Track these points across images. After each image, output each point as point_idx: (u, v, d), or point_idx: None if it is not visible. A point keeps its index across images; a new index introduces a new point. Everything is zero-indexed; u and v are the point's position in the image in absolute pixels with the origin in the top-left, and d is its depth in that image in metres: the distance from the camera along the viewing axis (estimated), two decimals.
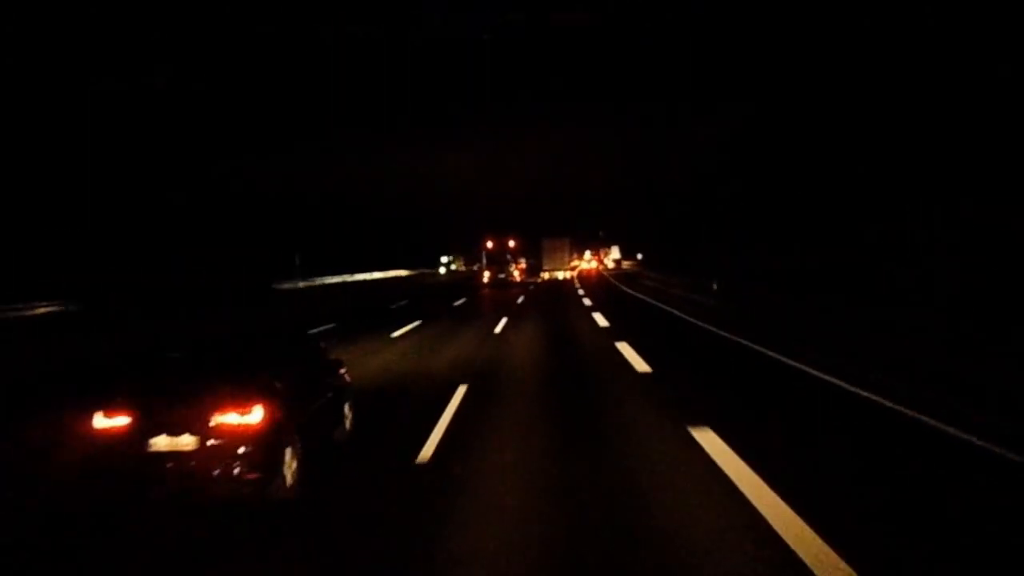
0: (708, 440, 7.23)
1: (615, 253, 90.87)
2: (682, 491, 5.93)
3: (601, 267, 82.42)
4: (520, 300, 30.85)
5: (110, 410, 5.83)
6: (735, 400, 9.57)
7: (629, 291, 36.50)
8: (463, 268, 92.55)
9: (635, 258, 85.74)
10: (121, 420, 5.79)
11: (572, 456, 7.06)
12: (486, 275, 55.53)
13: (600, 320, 20.78)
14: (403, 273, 72.92)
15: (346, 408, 8.18)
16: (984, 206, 16.47)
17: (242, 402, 5.75)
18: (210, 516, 5.88)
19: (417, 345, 16.16)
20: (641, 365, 12.18)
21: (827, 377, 10.31)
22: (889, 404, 8.52)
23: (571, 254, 65.78)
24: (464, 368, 12.55)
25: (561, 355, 14.25)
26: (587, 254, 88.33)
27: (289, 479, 6.11)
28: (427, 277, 70.81)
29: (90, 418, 5.89)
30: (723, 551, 4.73)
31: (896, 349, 12.27)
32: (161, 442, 5.71)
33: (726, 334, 15.98)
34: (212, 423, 5.70)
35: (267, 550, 5.31)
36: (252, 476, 5.71)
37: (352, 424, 8.29)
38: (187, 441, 5.70)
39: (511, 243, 75.84)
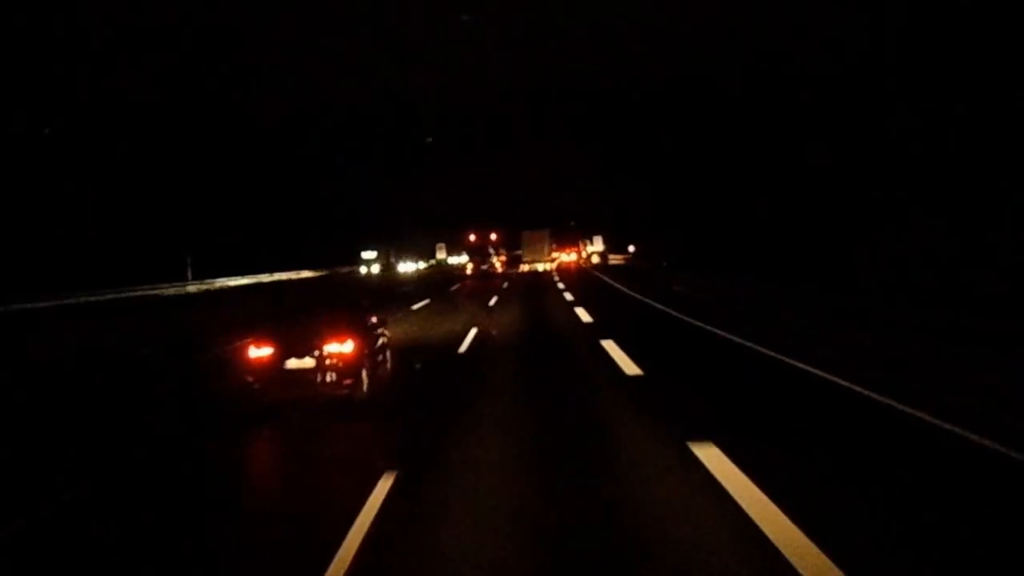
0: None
1: (598, 244, 76.71)
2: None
3: (581, 261, 72.38)
4: (464, 347, 15.49)
5: (259, 344, 9.76)
6: None
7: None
8: (390, 267, 70.33)
9: (627, 251, 71.86)
10: (267, 350, 9.72)
11: None
12: (469, 267, 59.71)
13: None
14: (307, 275, 59.42)
15: (387, 354, 12.16)
16: None
17: (341, 338, 9.72)
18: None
19: None
20: None
21: None
22: None
23: (551, 245, 65.37)
24: None
25: None
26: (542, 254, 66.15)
27: (364, 387, 10.09)
28: (342, 277, 58.77)
29: (246, 349, 9.82)
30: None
31: None
32: (292, 363, 9.66)
33: None
34: (323, 351, 9.65)
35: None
36: (347, 382, 9.68)
37: (391, 366, 12.25)
38: (308, 362, 9.65)
39: (492, 236, 79.78)
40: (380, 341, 11.73)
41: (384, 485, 6.29)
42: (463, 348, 15.10)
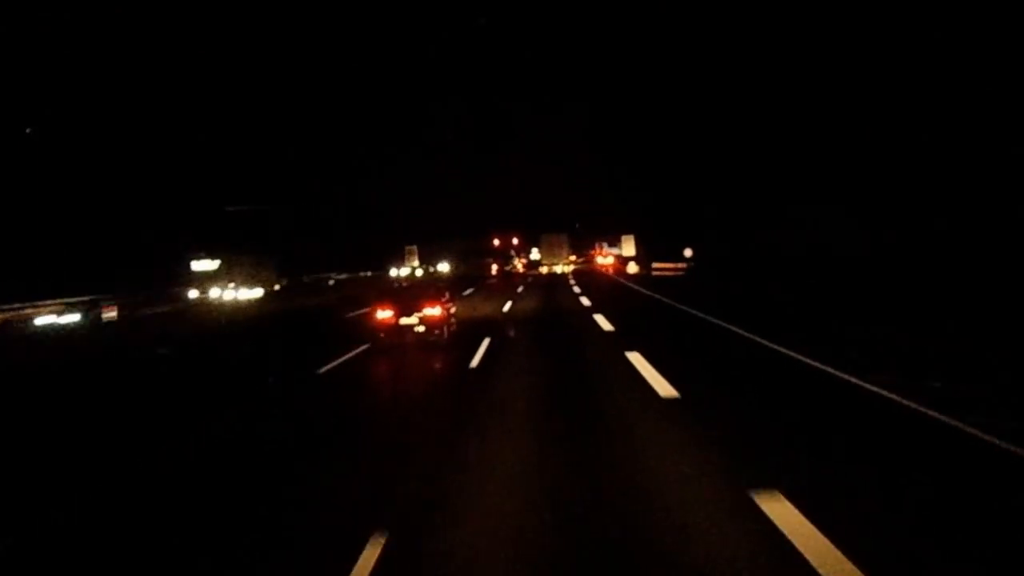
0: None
1: (628, 247, 62.50)
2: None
3: (607, 266, 63.06)
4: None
5: (383, 307, 16.12)
6: None
7: None
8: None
9: (683, 257, 49.12)
10: (388, 312, 16.10)
11: None
12: (494, 268, 65.95)
13: None
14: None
15: (454, 319, 18.44)
16: None
17: (433, 304, 16.08)
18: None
19: None
20: None
21: None
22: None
23: (569, 249, 67.49)
24: None
25: None
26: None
27: (446, 336, 16.43)
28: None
29: (375, 311, 16.19)
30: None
31: None
32: (404, 320, 16.03)
33: None
34: (422, 313, 15.97)
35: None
36: (437, 332, 16.11)
37: (455, 328, 18.48)
38: (413, 320, 16.02)
39: (515, 241, 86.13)
40: (452, 310, 18.04)
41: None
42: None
